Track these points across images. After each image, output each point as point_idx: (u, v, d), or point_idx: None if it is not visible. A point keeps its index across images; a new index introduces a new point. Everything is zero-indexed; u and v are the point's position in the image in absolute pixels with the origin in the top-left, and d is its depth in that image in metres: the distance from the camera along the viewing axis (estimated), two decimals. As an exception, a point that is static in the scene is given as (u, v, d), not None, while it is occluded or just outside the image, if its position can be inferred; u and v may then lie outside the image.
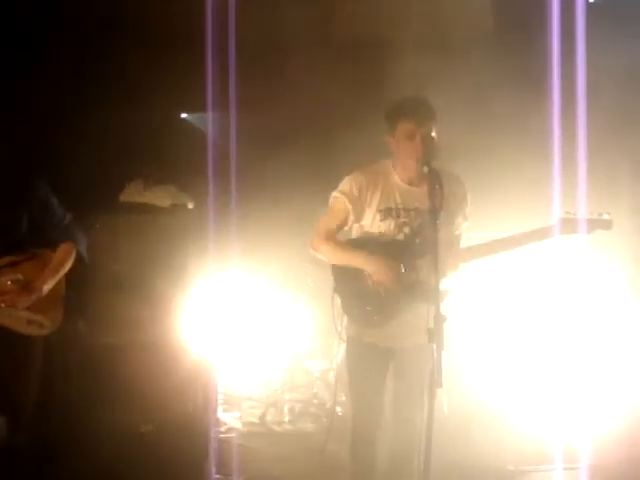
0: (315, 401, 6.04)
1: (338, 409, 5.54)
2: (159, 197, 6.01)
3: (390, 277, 3.75)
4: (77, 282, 5.01)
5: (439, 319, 3.20)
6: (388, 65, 6.03)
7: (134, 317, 5.70)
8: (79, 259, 4.42)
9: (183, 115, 7.60)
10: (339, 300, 3.95)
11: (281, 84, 6.68)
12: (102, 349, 5.39)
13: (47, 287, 4.23)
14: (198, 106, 7.29)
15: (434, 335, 3.17)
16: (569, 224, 3.79)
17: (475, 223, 4.02)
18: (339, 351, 4.58)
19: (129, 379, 5.29)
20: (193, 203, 6.17)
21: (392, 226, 3.82)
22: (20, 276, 4.16)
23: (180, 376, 5.52)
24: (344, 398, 5.45)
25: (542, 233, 3.80)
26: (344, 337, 3.98)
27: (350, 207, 3.85)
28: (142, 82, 6.55)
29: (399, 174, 3.87)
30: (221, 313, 6.59)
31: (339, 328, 3.95)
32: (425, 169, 3.56)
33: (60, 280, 4.32)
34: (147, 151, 6.53)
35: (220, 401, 6.07)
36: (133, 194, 6.07)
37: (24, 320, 4.11)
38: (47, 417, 4.75)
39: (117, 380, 5.27)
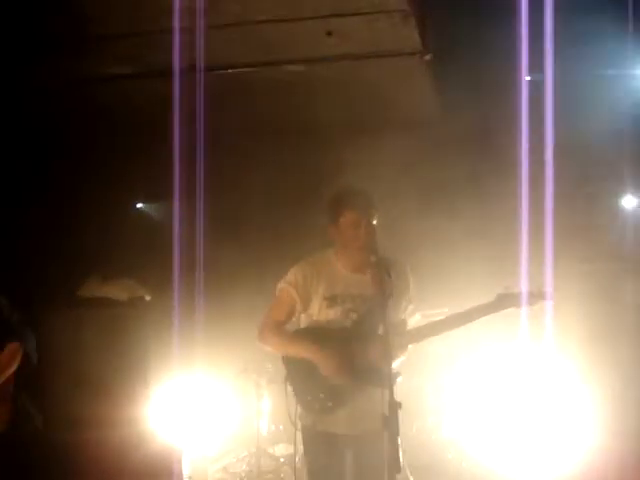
0: (282, 486, 5.99)
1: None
2: (117, 290, 6.03)
3: (340, 371, 3.79)
4: (32, 379, 5.03)
5: (393, 405, 3.21)
6: (328, 152, 6.22)
7: (94, 413, 5.66)
8: (27, 359, 4.46)
9: (138, 205, 7.66)
10: (291, 389, 3.97)
11: (231, 173, 6.82)
12: (62, 445, 5.33)
13: None
14: (153, 196, 7.38)
15: (389, 422, 3.17)
16: (508, 298, 3.87)
17: (427, 303, 4.11)
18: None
19: (90, 476, 5.25)
20: (150, 295, 6.19)
21: (339, 313, 3.89)
22: None
23: (144, 470, 5.48)
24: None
25: (483, 309, 3.88)
26: (299, 427, 3.98)
27: (297, 296, 3.93)
28: (96, 176, 6.63)
29: (342, 262, 3.97)
30: (186, 403, 6.58)
31: (293, 417, 3.96)
32: (373, 258, 3.66)
33: (8, 379, 4.37)
34: (104, 245, 6.58)
35: (187, 493, 5.99)
36: (91, 289, 6.08)
37: None
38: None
39: (79, 477, 5.23)
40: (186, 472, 6.31)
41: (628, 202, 7.23)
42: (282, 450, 6.44)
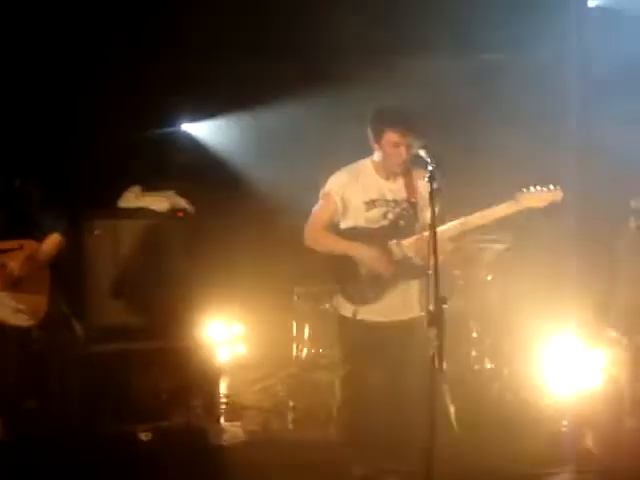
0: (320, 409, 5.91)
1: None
2: (157, 201, 5.95)
3: (380, 261, 4.19)
4: (73, 285, 4.99)
5: (439, 300, 3.31)
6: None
7: (133, 325, 5.66)
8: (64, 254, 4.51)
9: (184, 125, 7.51)
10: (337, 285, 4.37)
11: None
12: (101, 356, 5.33)
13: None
14: (198, 115, 7.25)
15: (434, 317, 3.28)
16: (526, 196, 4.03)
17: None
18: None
19: (127, 386, 5.26)
20: (193, 208, 6.10)
21: (377, 215, 4.30)
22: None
23: (181, 384, 5.46)
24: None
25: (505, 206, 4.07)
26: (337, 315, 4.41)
27: (337, 201, 4.31)
28: (145, 92, 6.54)
29: (378, 171, 4.34)
30: (225, 321, 6.53)
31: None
32: (422, 152, 3.73)
33: (45, 271, 4.47)
34: (147, 160, 6.51)
35: (222, 410, 5.95)
36: (131, 199, 6.01)
37: (10, 309, 4.29)
38: (48, 419, 4.82)
39: (115, 387, 5.24)
40: (223, 392, 6.29)
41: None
42: (321, 376, 6.35)
